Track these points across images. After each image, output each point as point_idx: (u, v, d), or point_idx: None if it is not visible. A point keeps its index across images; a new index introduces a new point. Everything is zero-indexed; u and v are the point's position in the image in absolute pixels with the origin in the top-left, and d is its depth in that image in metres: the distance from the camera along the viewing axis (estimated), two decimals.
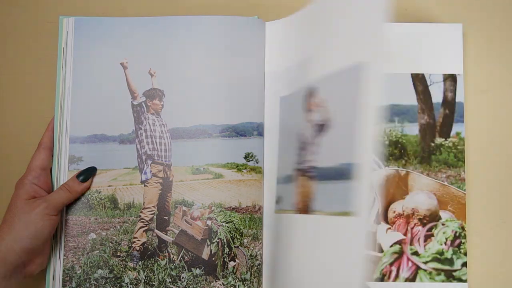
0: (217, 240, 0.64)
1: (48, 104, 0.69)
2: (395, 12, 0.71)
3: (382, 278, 0.64)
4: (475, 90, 0.69)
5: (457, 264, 0.63)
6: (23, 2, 0.73)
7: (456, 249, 0.64)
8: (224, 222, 0.64)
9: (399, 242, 0.64)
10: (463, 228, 0.64)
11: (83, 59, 0.67)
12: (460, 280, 0.63)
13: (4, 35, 0.72)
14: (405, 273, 0.64)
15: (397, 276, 0.64)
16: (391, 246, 0.64)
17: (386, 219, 0.65)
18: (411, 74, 0.67)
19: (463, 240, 0.64)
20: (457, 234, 0.64)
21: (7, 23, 0.73)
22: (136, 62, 0.67)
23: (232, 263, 0.64)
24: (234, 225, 0.64)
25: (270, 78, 0.67)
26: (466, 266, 0.63)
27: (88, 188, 0.65)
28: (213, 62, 0.66)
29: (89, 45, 0.67)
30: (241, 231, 0.64)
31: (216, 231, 0.64)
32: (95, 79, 0.67)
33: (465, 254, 0.64)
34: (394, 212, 0.65)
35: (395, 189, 0.65)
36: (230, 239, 0.64)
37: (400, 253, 0.64)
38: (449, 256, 0.64)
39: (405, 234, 0.65)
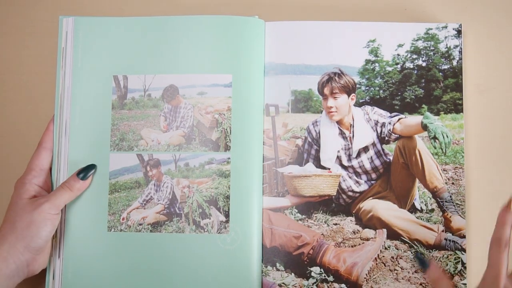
0: None
1: (48, 104, 0.69)
2: (395, 12, 0.71)
3: None
4: (474, 88, 0.69)
5: None
6: (23, 2, 0.73)
7: None
8: None
9: None
10: None
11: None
12: None
13: (4, 35, 0.72)
14: None
15: None
16: None
17: None
18: None
19: None
20: None
21: (7, 23, 0.73)
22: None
23: None
24: None
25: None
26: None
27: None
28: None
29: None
30: None
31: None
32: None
33: None
34: None
35: None
36: None
37: None
38: None
39: None
